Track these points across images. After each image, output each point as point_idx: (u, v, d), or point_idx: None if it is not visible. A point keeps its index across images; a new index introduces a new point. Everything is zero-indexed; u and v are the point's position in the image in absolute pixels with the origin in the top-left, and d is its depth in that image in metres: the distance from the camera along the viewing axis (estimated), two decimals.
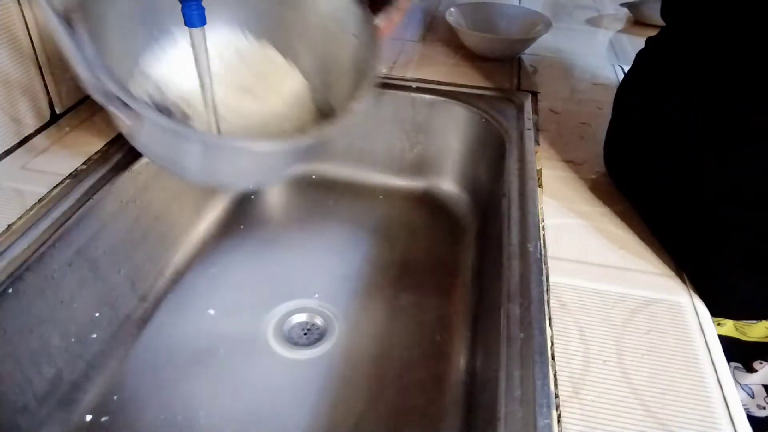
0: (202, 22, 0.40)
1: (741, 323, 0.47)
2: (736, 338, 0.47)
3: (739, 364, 0.50)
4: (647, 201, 0.50)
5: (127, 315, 0.56)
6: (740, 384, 0.50)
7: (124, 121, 0.36)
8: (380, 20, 0.45)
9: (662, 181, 0.48)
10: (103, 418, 0.49)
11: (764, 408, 0.52)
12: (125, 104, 0.35)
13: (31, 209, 0.47)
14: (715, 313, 0.44)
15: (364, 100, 0.40)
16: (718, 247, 0.44)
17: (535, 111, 0.68)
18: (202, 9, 0.40)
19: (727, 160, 0.41)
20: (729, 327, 0.47)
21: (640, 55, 0.52)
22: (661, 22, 0.49)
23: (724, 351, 0.40)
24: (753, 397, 0.51)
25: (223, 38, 0.51)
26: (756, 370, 0.50)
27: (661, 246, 0.48)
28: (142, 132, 0.38)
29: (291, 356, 0.55)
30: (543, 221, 0.50)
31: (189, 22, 0.40)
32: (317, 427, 0.50)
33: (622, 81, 0.56)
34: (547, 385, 0.37)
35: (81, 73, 0.35)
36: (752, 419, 0.37)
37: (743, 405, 0.49)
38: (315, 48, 0.51)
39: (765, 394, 0.52)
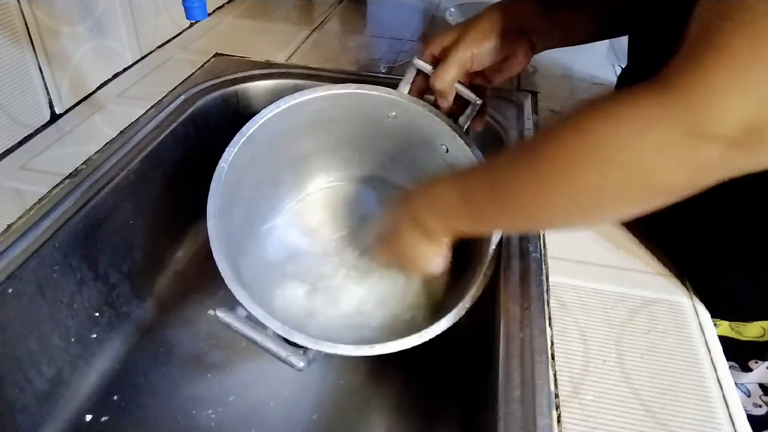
0: (203, 15, 0.40)
1: (736, 323, 0.47)
2: (732, 338, 0.47)
3: (735, 364, 0.50)
4: None
5: (127, 315, 0.56)
6: (736, 383, 0.51)
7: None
8: (463, 123, 0.49)
9: None
10: (103, 418, 0.49)
11: (760, 406, 0.52)
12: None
13: (31, 209, 0.47)
14: (714, 314, 0.44)
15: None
16: (713, 247, 0.44)
17: (535, 111, 0.68)
18: (204, 2, 0.40)
19: None
20: (725, 327, 0.47)
21: (632, 51, 0.52)
22: None
23: None
24: (749, 396, 0.51)
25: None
26: (752, 369, 0.50)
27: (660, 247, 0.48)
28: None
29: None
30: None
31: (190, 16, 0.40)
32: (316, 427, 0.50)
33: (618, 78, 0.56)
34: (547, 385, 0.37)
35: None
36: (749, 418, 0.37)
37: None
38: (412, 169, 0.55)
39: (761, 393, 0.52)
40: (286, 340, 0.39)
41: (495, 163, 0.37)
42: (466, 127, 0.49)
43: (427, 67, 0.49)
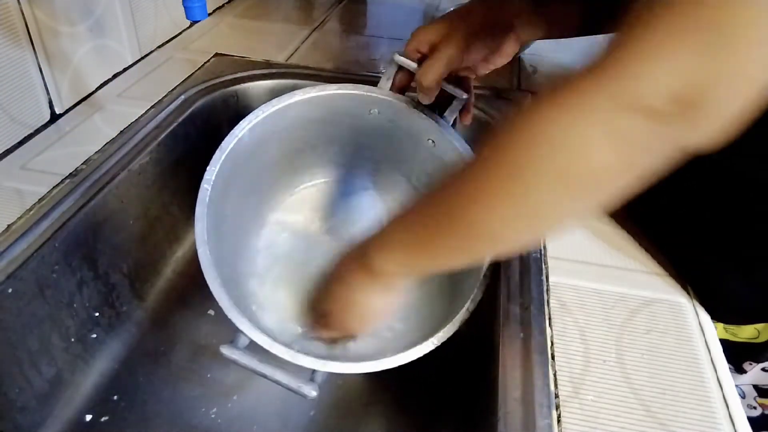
0: (203, 15, 0.40)
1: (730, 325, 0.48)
2: (726, 339, 0.47)
3: (729, 366, 0.50)
4: (641, 204, 0.50)
5: (127, 315, 0.56)
6: None
7: None
8: (449, 117, 0.48)
9: (654, 186, 0.48)
10: (103, 418, 0.49)
11: (755, 408, 0.52)
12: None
13: (31, 209, 0.47)
14: (711, 315, 0.44)
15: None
16: (712, 248, 0.44)
17: None
18: (204, 2, 0.40)
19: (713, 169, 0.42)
20: (719, 329, 0.47)
21: None
22: None
23: None
24: (744, 398, 0.51)
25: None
26: (746, 371, 0.50)
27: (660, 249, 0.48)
28: None
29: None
30: None
31: (190, 16, 0.40)
32: (316, 425, 0.50)
33: None
34: (547, 385, 0.37)
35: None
36: None
37: None
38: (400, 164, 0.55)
39: (755, 395, 0.52)
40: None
41: (442, 186, 0.34)
42: (452, 121, 0.48)
43: (410, 64, 0.47)
